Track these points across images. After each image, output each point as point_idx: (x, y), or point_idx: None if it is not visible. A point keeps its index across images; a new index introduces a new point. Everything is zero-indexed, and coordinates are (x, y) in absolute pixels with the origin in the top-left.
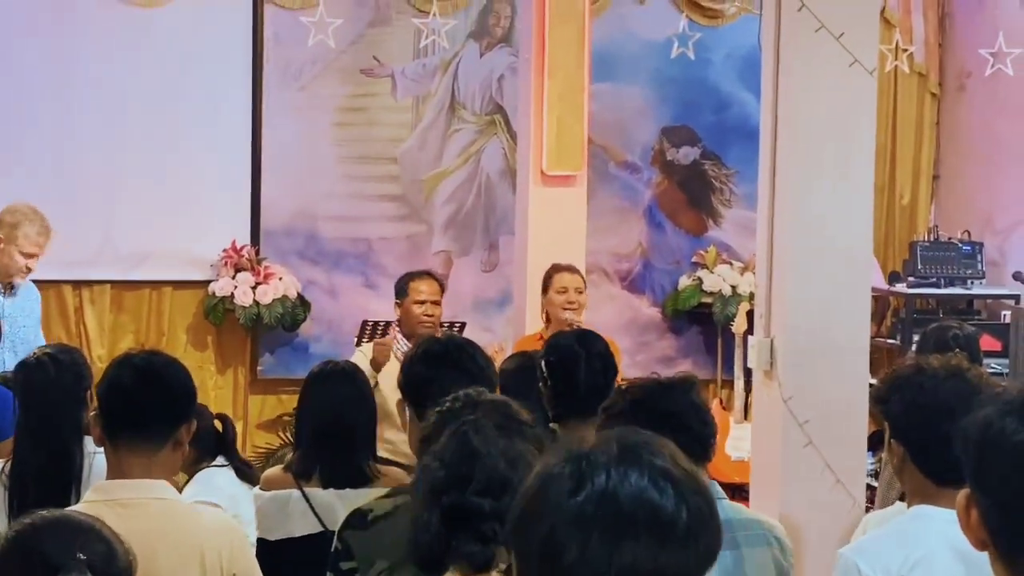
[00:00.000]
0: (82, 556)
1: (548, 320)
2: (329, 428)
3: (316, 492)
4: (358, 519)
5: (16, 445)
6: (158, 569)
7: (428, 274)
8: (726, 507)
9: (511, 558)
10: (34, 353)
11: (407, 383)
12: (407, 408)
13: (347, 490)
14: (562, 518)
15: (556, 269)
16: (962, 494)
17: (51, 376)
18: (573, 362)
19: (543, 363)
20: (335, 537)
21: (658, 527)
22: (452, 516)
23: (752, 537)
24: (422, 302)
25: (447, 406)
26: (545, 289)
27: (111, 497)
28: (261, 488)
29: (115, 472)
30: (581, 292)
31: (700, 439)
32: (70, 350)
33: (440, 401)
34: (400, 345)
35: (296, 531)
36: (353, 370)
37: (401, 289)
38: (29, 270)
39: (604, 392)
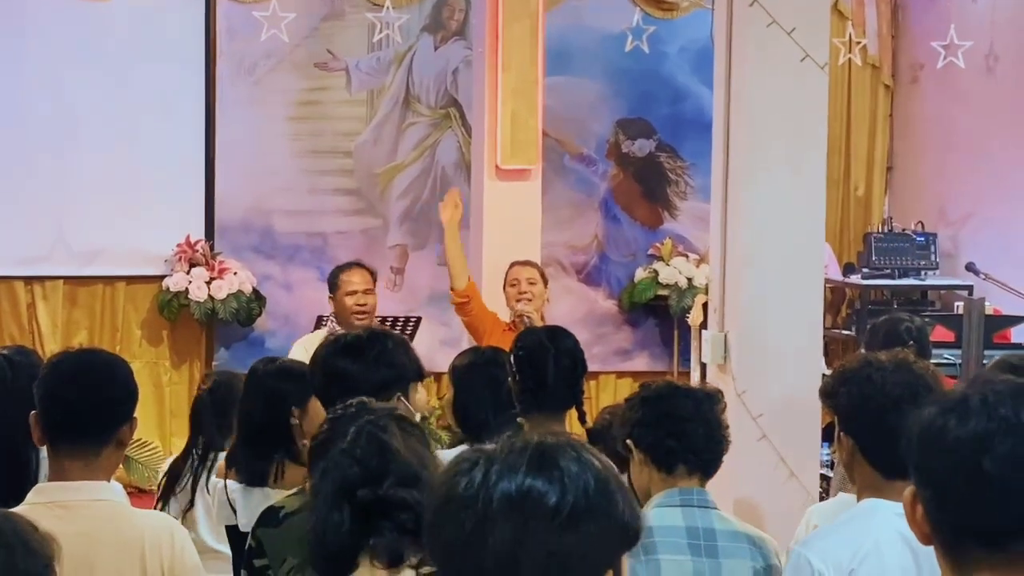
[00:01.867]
0: None
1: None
2: (249, 425)
3: (231, 485)
4: (270, 516)
5: None
6: (98, 571)
7: (358, 264)
8: (713, 517)
9: (426, 554)
10: None
11: (320, 377)
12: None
13: (256, 488)
14: (470, 510)
15: (513, 264)
16: (908, 490)
17: (6, 378)
18: (542, 358)
19: (512, 358)
20: (249, 535)
21: (544, 514)
22: (369, 511)
23: (733, 549)
24: (353, 292)
25: (339, 412)
26: (504, 285)
27: (51, 499)
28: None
29: (56, 474)
30: (534, 283)
31: (696, 452)
32: (26, 352)
33: (332, 409)
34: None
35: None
36: (281, 369)
37: (332, 283)
38: None
39: (573, 389)
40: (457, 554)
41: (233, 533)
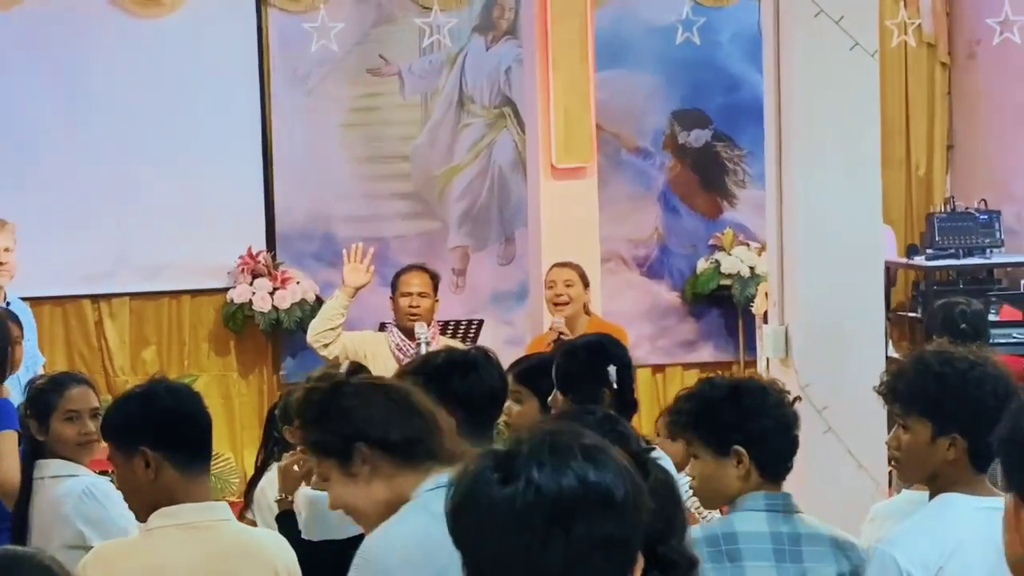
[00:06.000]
0: None
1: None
2: None
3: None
4: None
5: None
6: None
7: (418, 267)
8: (796, 520)
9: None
10: None
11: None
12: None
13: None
14: (495, 512)
15: (551, 266)
16: (1010, 500)
17: None
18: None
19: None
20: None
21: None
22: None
23: (818, 553)
24: (408, 294)
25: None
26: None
27: (183, 521)
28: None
29: (181, 495)
30: (571, 285)
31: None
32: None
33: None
34: (394, 338)
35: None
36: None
37: (393, 284)
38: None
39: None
40: (516, 566)
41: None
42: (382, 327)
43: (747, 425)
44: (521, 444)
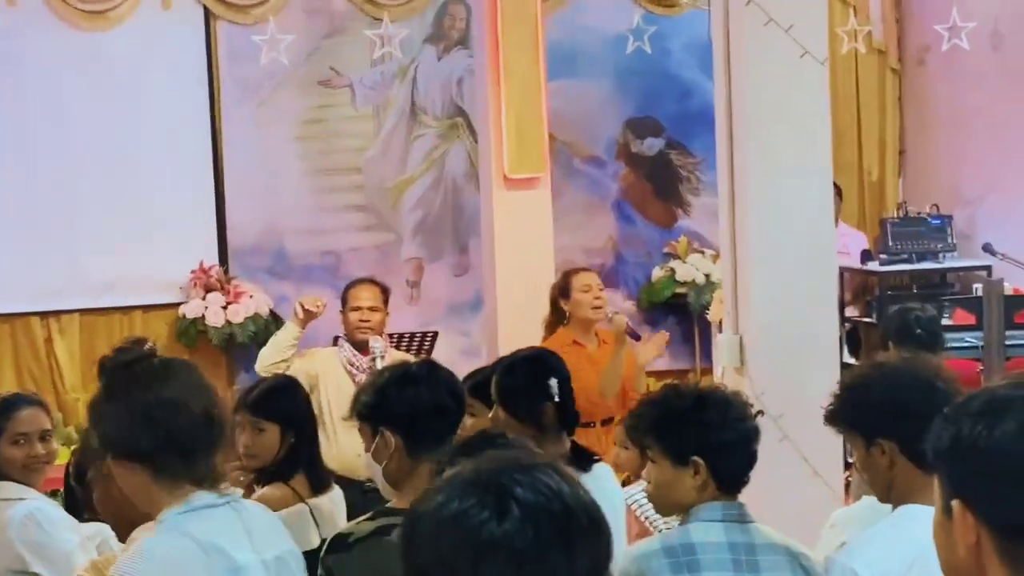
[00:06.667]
0: None
1: (569, 321)
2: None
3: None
4: (340, 543)
5: None
6: None
7: (368, 280)
8: (752, 530)
9: None
10: None
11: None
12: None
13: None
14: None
15: (574, 271)
16: (955, 505)
17: None
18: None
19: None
20: (319, 564)
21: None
22: None
23: (775, 563)
24: (357, 308)
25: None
26: (566, 293)
27: None
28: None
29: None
30: (603, 289)
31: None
32: None
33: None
34: (346, 352)
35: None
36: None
37: (343, 298)
38: None
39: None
40: None
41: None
42: (336, 341)
43: (708, 437)
44: (491, 472)
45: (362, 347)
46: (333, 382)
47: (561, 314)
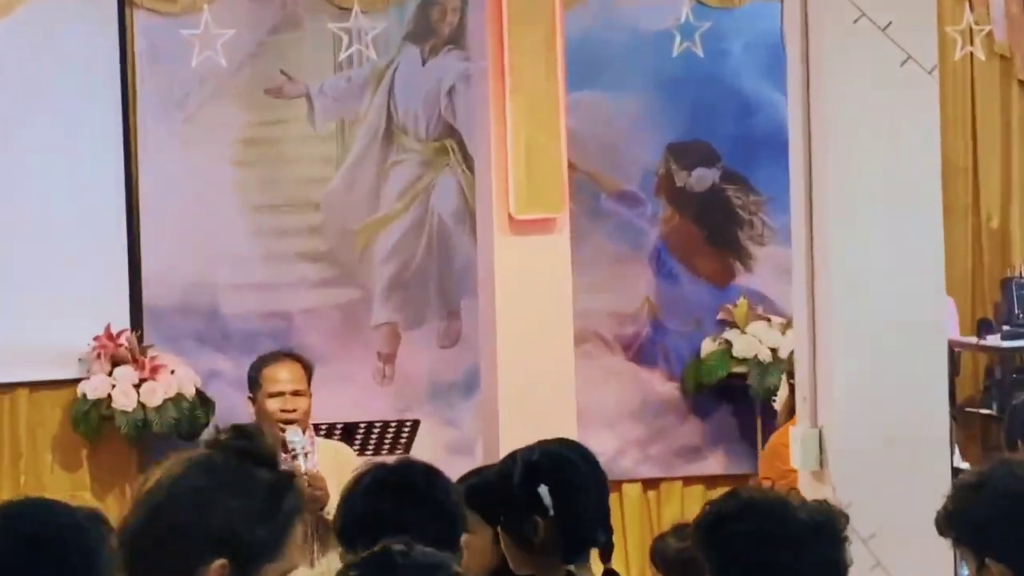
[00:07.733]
0: None
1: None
2: None
3: None
4: None
5: None
6: None
7: (288, 355)
8: None
9: None
10: None
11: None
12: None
13: None
14: None
15: None
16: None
17: None
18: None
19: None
20: None
21: None
22: None
23: None
24: (278, 394)
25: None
26: None
27: None
28: None
29: None
30: None
31: None
32: None
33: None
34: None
35: None
36: None
37: (251, 379)
38: None
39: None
40: None
41: None
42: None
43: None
44: None
45: (281, 444)
46: None
47: None
